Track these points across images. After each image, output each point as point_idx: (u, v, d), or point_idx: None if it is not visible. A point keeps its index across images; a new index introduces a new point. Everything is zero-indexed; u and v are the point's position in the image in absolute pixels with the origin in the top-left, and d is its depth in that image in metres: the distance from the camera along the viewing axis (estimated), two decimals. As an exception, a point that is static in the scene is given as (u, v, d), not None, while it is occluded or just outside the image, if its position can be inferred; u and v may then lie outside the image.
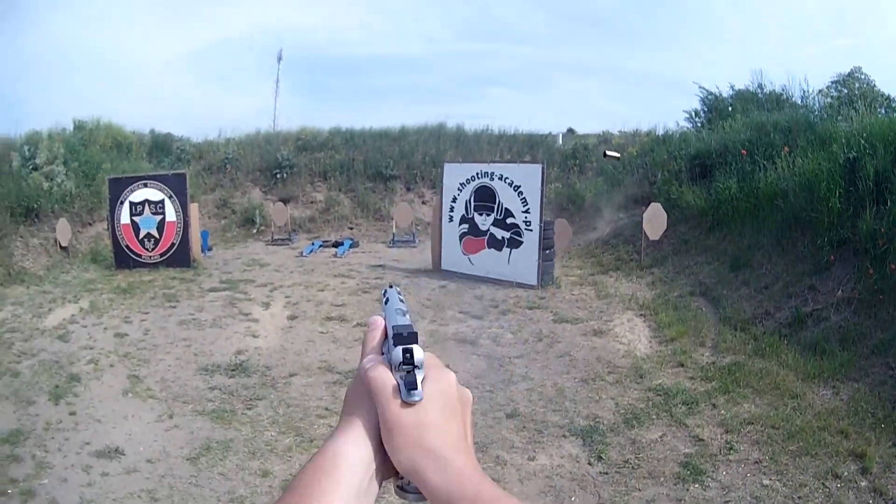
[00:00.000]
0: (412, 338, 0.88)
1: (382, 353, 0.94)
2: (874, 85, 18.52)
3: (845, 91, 17.98)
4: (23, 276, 13.47)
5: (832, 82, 19.29)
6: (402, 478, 0.85)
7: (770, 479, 5.62)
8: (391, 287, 1.11)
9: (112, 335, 10.00)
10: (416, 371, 0.86)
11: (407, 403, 0.84)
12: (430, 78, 64.68)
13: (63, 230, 15.10)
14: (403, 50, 65.57)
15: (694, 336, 9.12)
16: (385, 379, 0.86)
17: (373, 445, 0.84)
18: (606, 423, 6.82)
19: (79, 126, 21.33)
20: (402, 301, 1.04)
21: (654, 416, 6.92)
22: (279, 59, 32.08)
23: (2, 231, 14.07)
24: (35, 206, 15.25)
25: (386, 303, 1.05)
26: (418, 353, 0.87)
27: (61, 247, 15.10)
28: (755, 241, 11.33)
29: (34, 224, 15.24)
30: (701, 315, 9.93)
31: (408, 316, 0.98)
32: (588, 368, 8.34)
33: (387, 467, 0.85)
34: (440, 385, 0.89)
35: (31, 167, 16.54)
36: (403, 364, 0.86)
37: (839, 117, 13.48)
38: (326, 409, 7.41)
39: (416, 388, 0.85)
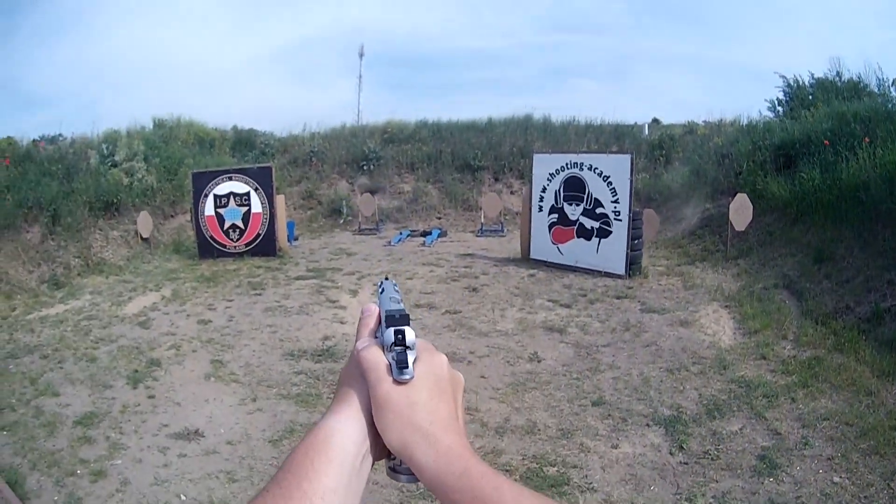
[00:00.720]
0: (404, 320, 0.90)
1: (376, 338, 0.94)
2: (952, 73, 17.94)
3: None
4: (102, 266, 13.93)
5: None
6: (393, 459, 0.87)
7: (840, 477, 5.46)
8: (387, 279, 1.14)
9: (195, 322, 10.17)
10: (408, 352, 0.87)
11: (398, 382, 0.85)
12: (512, 71, 64.31)
13: (144, 222, 15.54)
14: (484, 44, 65.54)
15: (777, 329, 8.92)
16: (377, 358, 0.88)
17: (365, 425, 0.85)
18: (689, 414, 6.70)
19: (158, 124, 22.04)
20: (396, 291, 1.07)
21: (735, 408, 6.78)
22: (361, 55, 32.41)
23: (80, 224, 14.49)
24: (115, 200, 15.70)
25: (381, 292, 1.07)
26: (410, 334, 0.88)
27: (142, 238, 15.57)
28: (837, 234, 11.02)
29: (114, 217, 15.71)
30: (784, 308, 9.70)
31: (402, 304, 0.98)
32: (673, 358, 8.23)
33: (379, 448, 0.86)
34: (431, 366, 0.90)
35: (109, 164, 17.05)
36: (395, 344, 0.87)
37: None
38: None
39: (407, 368, 0.86)
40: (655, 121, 26.06)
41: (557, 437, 6.46)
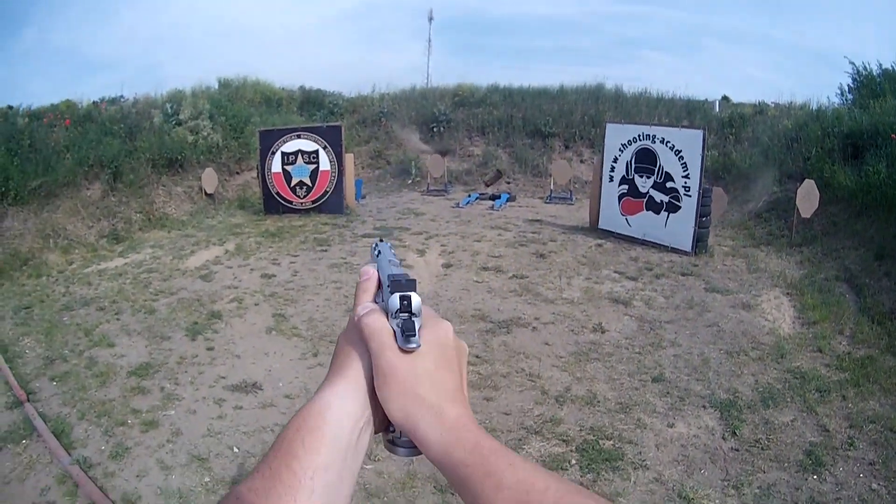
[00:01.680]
0: (410, 285, 0.86)
1: (376, 303, 0.91)
2: None
3: None
4: (164, 221, 14.28)
5: None
6: (392, 431, 0.84)
7: (878, 484, 5.46)
8: (382, 241, 1.09)
9: (259, 276, 10.37)
10: (414, 319, 0.84)
11: (404, 350, 0.82)
12: (584, 39, 63.16)
13: (209, 178, 15.87)
14: (556, 11, 64.39)
15: (835, 322, 8.83)
16: (382, 325, 0.85)
17: (364, 398, 0.82)
18: (744, 400, 6.74)
19: (224, 84, 22.38)
20: (394, 255, 1.03)
21: (788, 399, 6.80)
22: (430, 18, 32.24)
23: (142, 180, 14.83)
24: (179, 157, 16.02)
25: (378, 255, 1.03)
26: (416, 300, 0.85)
27: (207, 194, 15.86)
28: (900, 231, 10.83)
29: (178, 174, 16.03)
30: (843, 302, 9.59)
31: (401, 269, 0.94)
32: (734, 341, 8.23)
33: (379, 419, 0.83)
34: (437, 334, 0.86)
35: (174, 122, 17.31)
36: (400, 311, 0.84)
37: None
38: (478, 356, 7.55)
39: (414, 336, 0.82)
40: (725, 98, 25.53)
41: (616, 411, 6.58)
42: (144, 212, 14.18)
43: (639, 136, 13.25)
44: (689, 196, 12.27)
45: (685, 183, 12.35)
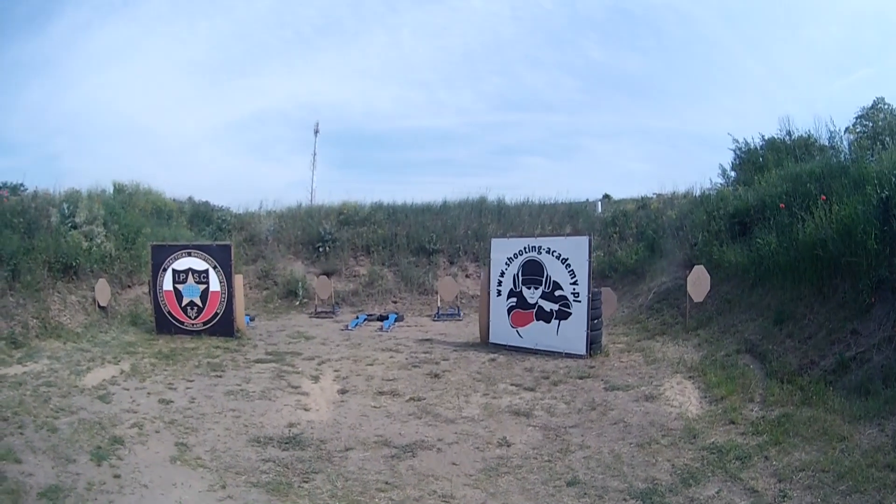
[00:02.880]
0: None
1: None
2: (897, 112, 18.58)
3: (870, 125, 18.03)
4: (59, 331, 13.58)
5: (857, 118, 19.59)
6: None
7: None
8: None
9: (156, 401, 9.99)
10: None
11: None
12: (465, 149, 65.99)
13: (102, 290, 15.24)
14: (438, 123, 66.84)
15: (743, 393, 9.10)
16: None
17: None
18: (665, 485, 6.71)
19: (118, 189, 22.01)
20: None
21: (709, 474, 6.85)
22: (316, 132, 32.93)
23: (39, 283, 14.20)
24: (74, 263, 15.40)
25: None
26: None
27: (100, 306, 15.21)
28: (797, 293, 11.28)
29: (72, 281, 15.36)
30: (748, 372, 9.91)
31: None
32: (642, 433, 8.28)
33: None
34: None
35: (70, 225, 16.79)
36: None
37: (869, 154, 13.42)
38: (386, 482, 7.28)
39: None
40: (607, 196, 26.62)
41: (537, 520, 6.41)
42: (41, 318, 13.50)
43: (524, 248, 13.56)
44: (579, 301, 12.55)
45: (574, 289, 12.64)
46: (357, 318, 18.34)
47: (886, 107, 19.70)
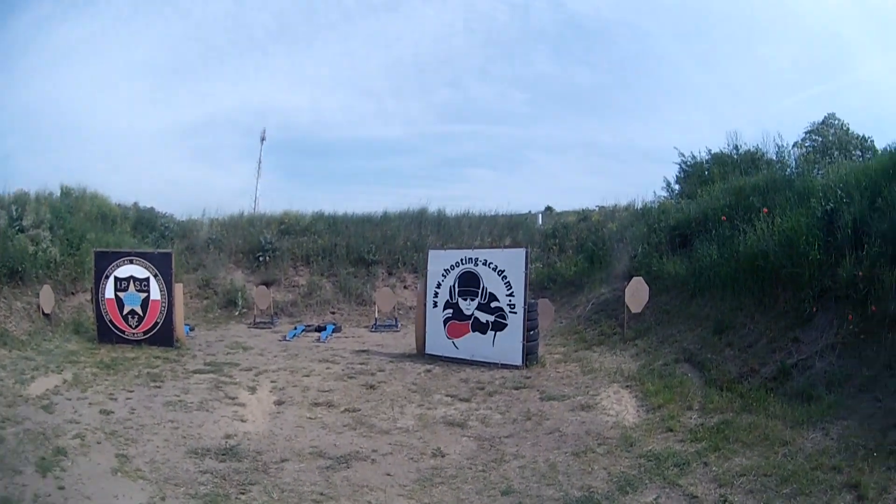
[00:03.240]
0: None
1: None
2: (848, 128, 19.14)
3: (820, 140, 18.44)
4: (5, 338, 13.32)
5: (806, 133, 19.99)
6: None
7: None
8: None
9: (97, 411, 9.89)
10: None
11: None
12: (412, 160, 65.51)
13: (47, 297, 14.98)
14: (385, 133, 66.21)
15: (681, 401, 9.27)
16: None
17: None
18: (601, 492, 6.82)
19: (66, 192, 21.47)
20: None
21: (646, 481, 6.95)
22: (262, 139, 32.38)
23: None
24: (20, 268, 15.14)
25: None
26: None
27: (44, 313, 14.95)
28: (737, 304, 11.55)
29: (18, 287, 15.09)
30: (687, 380, 10.13)
31: None
32: (578, 442, 8.40)
33: None
34: None
35: (17, 228, 16.52)
36: None
37: (816, 168, 13.86)
38: (321, 493, 7.29)
39: None
40: (549, 209, 26.76)
41: (470, 530, 6.46)
42: (-14, 324, 13.33)
43: (461, 260, 13.69)
44: (515, 313, 12.71)
45: (510, 301, 12.80)
46: (295, 328, 18.26)
47: (837, 122, 20.14)
